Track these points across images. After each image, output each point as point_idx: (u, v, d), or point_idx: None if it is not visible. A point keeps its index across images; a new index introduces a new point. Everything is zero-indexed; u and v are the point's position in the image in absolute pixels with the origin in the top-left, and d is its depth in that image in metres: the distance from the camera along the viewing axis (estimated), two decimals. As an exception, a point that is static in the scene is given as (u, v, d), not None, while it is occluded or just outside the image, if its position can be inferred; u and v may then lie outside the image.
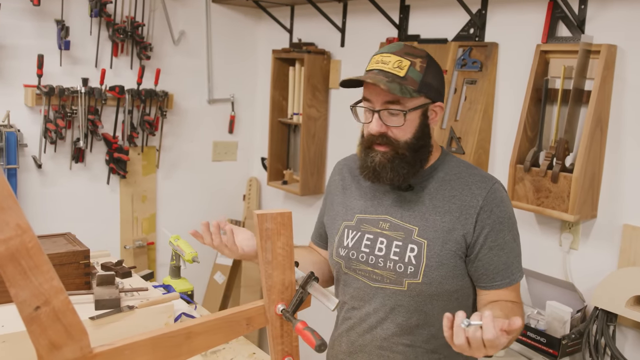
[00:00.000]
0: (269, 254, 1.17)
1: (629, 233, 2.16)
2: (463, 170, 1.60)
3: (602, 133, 2.20)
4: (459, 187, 1.56)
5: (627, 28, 2.16)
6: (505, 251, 1.54)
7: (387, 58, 1.50)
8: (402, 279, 1.54)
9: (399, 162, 1.52)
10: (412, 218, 1.57)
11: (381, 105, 1.50)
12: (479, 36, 2.65)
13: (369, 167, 1.54)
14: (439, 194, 1.56)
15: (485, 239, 1.52)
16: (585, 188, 2.18)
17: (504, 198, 1.56)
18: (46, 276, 0.89)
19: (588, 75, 2.23)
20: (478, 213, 1.52)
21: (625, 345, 2.20)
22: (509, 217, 1.55)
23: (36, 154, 3.23)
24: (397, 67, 1.48)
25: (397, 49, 1.51)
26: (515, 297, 1.57)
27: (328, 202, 1.80)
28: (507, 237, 1.54)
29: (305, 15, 3.58)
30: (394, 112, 1.49)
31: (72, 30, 3.21)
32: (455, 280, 1.54)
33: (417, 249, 1.53)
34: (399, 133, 1.51)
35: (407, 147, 1.52)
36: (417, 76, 1.49)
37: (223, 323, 1.15)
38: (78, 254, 1.91)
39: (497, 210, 1.53)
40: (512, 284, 1.55)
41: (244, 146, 4.06)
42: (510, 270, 1.55)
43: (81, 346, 0.96)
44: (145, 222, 3.70)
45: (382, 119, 1.51)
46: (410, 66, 1.48)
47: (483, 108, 2.56)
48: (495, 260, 1.53)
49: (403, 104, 1.49)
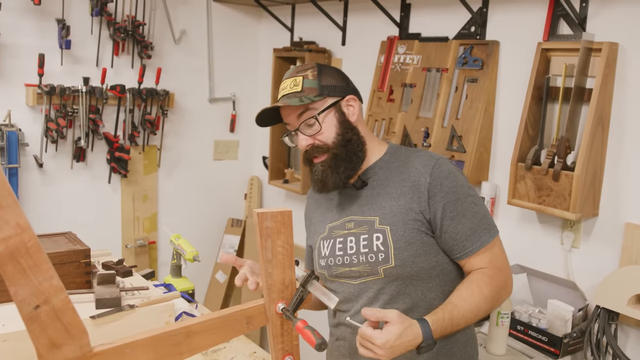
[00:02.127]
0: (269, 253, 1.17)
1: (631, 231, 2.15)
2: (407, 155, 1.67)
3: (603, 131, 2.20)
4: (407, 170, 1.62)
5: (628, 26, 2.15)
6: (468, 217, 1.58)
7: (283, 84, 1.65)
8: (377, 267, 1.59)
9: (335, 163, 1.61)
10: (371, 210, 1.64)
11: (297, 122, 1.62)
12: (480, 34, 2.64)
13: (315, 180, 1.65)
14: (390, 181, 1.64)
15: (444, 212, 1.56)
16: (586, 186, 2.17)
17: (451, 170, 1.61)
18: (46, 275, 0.89)
19: (589, 73, 2.23)
20: (428, 189, 1.57)
21: (627, 344, 2.19)
22: (460, 185, 1.60)
23: (37, 153, 3.23)
24: (293, 85, 1.62)
25: (289, 74, 1.66)
26: (488, 261, 1.59)
27: (308, 226, 1.87)
28: (465, 204, 1.58)
29: (306, 14, 3.57)
30: (309, 122, 1.61)
31: (73, 30, 3.21)
32: (429, 257, 1.58)
33: (382, 236, 1.59)
34: (323, 137, 1.62)
35: (336, 145, 1.62)
36: (312, 84, 1.62)
37: (223, 322, 1.15)
38: (79, 253, 1.91)
39: (446, 182, 1.58)
40: (482, 246, 1.58)
41: (245, 145, 4.06)
42: (478, 233, 1.58)
43: (81, 345, 0.96)
44: (147, 221, 3.70)
45: (304, 133, 1.62)
46: (303, 79, 1.62)
47: (484, 106, 2.56)
48: (460, 228, 1.57)
49: (311, 110, 1.61)
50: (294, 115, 1.62)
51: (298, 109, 1.61)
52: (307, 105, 1.60)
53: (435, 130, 2.69)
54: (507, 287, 1.62)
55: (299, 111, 1.61)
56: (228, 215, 4.07)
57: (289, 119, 1.64)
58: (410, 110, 2.84)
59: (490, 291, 1.56)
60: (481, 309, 1.55)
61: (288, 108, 1.62)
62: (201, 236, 3.89)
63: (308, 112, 1.61)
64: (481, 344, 2.25)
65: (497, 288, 1.58)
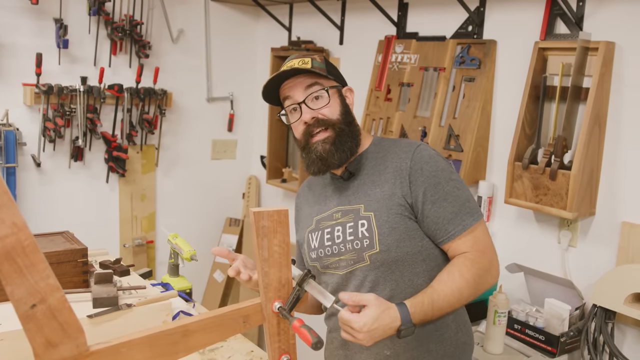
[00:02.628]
0: (265, 252, 1.17)
1: (628, 230, 2.16)
2: (391, 144, 1.69)
3: (600, 130, 2.20)
4: (390, 157, 1.65)
5: (625, 25, 2.15)
6: (449, 201, 1.58)
7: (290, 63, 1.65)
8: (363, 253, 1.60)
9: (339, 139, 1.61)
10: (356, 199, 1.65)
11: (303, 94, 1.62)
12: (477, 33, 2.64)
13: (314, 159, 1.63)
14: (374, 170, 1.65)
15: (425, 196, 1.57)
16: (583, 185, 2.17)
17: (432, 155, 1.62)
18: (42, 274, 0.89)
19: (586, 72, 2.23)
20: (409, 174, 1.58)
21: (623, 342, 2.20)
22: (442, 170, 1.60)
23: (35, 152, 3.23)
24: (302, 63, 1.63)
25: (295, 56, 1.68)
26: (470, 245, 1.58)
27: (297, 222, 1.87)
28: (446, 187, 1.58)
29: (304, 13, 3.58)
30: (318, 94, 1.62)
31: (70, 29, 3.21)
32: (413, 242, 1.59)
33: (366, 222, 1.60)
34: (329, 112, 1.62)
35: (341, 122, 1.63)
36: (320, 65, 1.65)
37: (220, 321, 1.15)
38: (76, 252, 1.91)
39: (426, 166, 1.59)
40: (465, 229, 1.57)
41: (243, 144, 4.06)
42: (460, 217, 1.57)
43: (77, 344, 0.96)
44: (145, 221, 3.70)
45: (309, 106, 1.62)
46: (312, 60, 1.64)
47: (481, 105, 2.56)
48: (442, 212, 1.57)
49: (322, 84, 1.63)
50: (301, 87, 1.63)
51: (306, 81, 1.62)
52: (317, 80, 1.62)
53: (433, 130, 2.70)
54: (491, 271, 1.59)
55: (307, 83, 1.62)
56: (226, 215, 4.07)
57: (294, 92, 1.64)
58: (407, 110, 2.84)
59: (472, 275, 1.54)
60: (463, 292, 1.53)
61: (295, 81, 1.63)
62: (199, 235, 3.89)
63: (317, 85, 1.63)
64: (478, 343, 2.25)
65: (480, 271, 1.56)
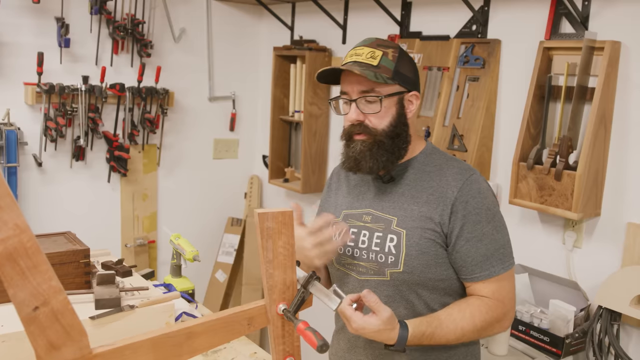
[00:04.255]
0: (269, 253, 1.16)
1: (633, 231, 2.14)
2: (443, 162, 1.62)
3: (605, 130, 2.19)
4: (437, 177, 1.58)
5: (631, 24, 2.14)
6: (484, 243, 1.52)
7: (360, 50, 1.55)
8: (384, 269, 1.56)
9: (377, 149, 1.54)
10: (391, 209, 1.59)
11: (357, 94, 1.54)
12: (481, 33, 2.63)
13: (350, 157, 1.57)
14: (417, 184, 1.59)
15: (462, 230, 1.52)
16: (588, 186, 2.16)
17: (481, 189, 1.55)
18: (45, 276, 0.88)
19: (592, 72, 2.21)
20: (453, 204, 1.52)
21: (629, 344, 2.18)
22: (487, 208, 1.54)
23: (36, 152, 3.22)
24: (370, 57, 1.53)
25: (369, 42, 1.57)
26: (492, 291, 1.53)
27: (322, 206, 1.82)
28: (485, 228, 1.53)
29: (307, 12, 3.56)
30: (371, 100, 1.53)
31: (72, 28, 3.19)
32: (439, 269, 1.54)
33: (396, 238, 1.55)
34: (376, 121, 1.54)
35: (384, 134, 1.55)
36: (390, 64, 1.53)
37: (224, 323, 1.14)
38: (78, 253, 1.90)
39: (472, 201, 1.53)
40: (490, 277, 1.52)
41: (245, 144, 4.05)
42: (490, 262, 1.52)
43: (80, 347, 0.95)
44: (146, 221, 3.69)
45: (360, 108, 1.54)
46: (383, 56, 1.53)
47: (485, 105, 2.55)
48: (473, 252, 1.52)
49: (378, 91, 1.53)
50: (358, 85, 1.53)
51: (364, 83, 1.52)
52: (375, 84, 1.52)
53: (437, 129, 2.68)
54: (503, 322, 1.55)
55: (366, 86, 1.53)
56: (228, 215, 4.06)
57: (350, 87, 1.55)
58: (411, 109, 2.83)
59: (483, 321, 1.50)
60: (465, 335, 1.50)
61: (354, 76, 1.53)
62: (201, 235, 3.88)
63: (374, 89, 1.53)
64: (483, 344, 2.24)
65: (491, 320, 1.52)
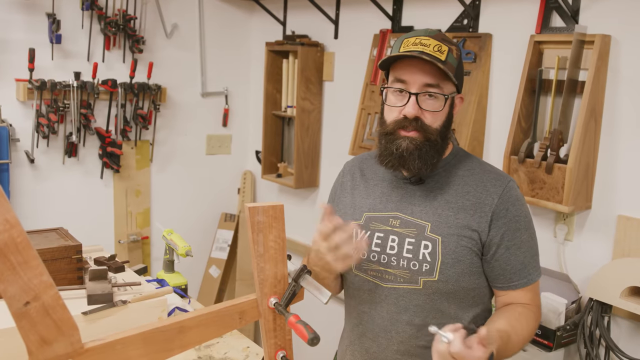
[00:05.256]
0: (260, 247, 1.16)
1: (624, 224, 2.16)
2: (477, 166, 1.56)
3: (596, 124, 2.20)
4: (473, 183, 1.52)
5: (620, 18, 2.15)
6: (523, 250, 1.51)
7: (426, 41, 1.44)
8: (417, 277, 1.50)
9: (427, 149, 1.45)
10: (423, 214, 1.52)
11: (420, 88, 1.44)
12: (472, 27, 2.63)
13: (393, 153, 1.46)
14: (451, 189, 1.52)
15: (502, 239, 1.49)
16: (579, 179, 2.17)
17: (519, 197, 1.53)
18: (35, 271, 0.88)
19: (582, 65, 2.22)
20: (493, 212, 1.48)
21: (620, 336, 2.20)
22: (524, 216, 1.53)
23: (28, 148, 3.21)
24: (437, 50, 1.42)
25: (434, 34, 1.46)
26: (530, 298, 1.54)
27: (335, 205, 1.70)
28: (523, 236, 1.51)
29: (299, 7, 3.56)
30: (434, 95, 1.44)
31: (63, 24, 3.18)
32: (472, 278, 1.51)
33: (431, 245, 1.49)
34: (432, 119, 1.45)
35: (438, 133, 1.46)
36: (454, 62, 1.46)
37: (215, 317, 1.14)
38: (70, 248, 1.90)
39: (512, 209, 1.50)
40: (529, 284, 1.52)
41: (238, 139, 4.05)
42: (527, 270, 1.52)
43: (72, 341, 0.95)
44: (140, 217, 3.69)
45: (419, 103, 1.45)
46: (449, 52, 1.44)
47: (477, 99, 2.55)
48: (513, 260, 1.50)
49: (442, 88, 1.45)
50: (421, 78, 1.43)
51: (429, 75, 1.42)
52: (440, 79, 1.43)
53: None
54: (535, 331, 1.56)
55: (428, 80, 1.43)
56: (221, 210, 4.06)
57: (411, 78, 1.44)
58: (403, 104, 2.83)
59: (533, 329, 1.51)
60: (524, 344, 1.50)
61: (418, 66, 1.43)
62: (194, 231, 3.88)
63: (439, 88, 1.44)
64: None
65: (536, 326, 1.52)
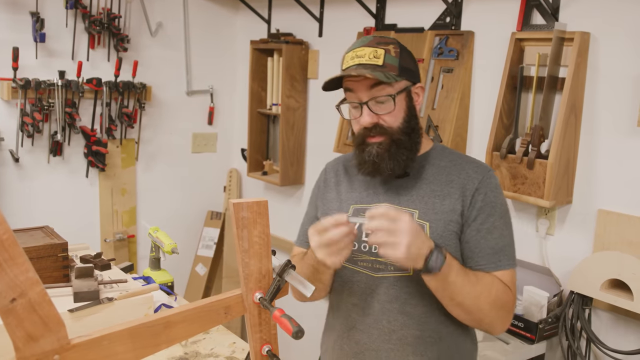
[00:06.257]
0: (245, 243, 1.17)
1: (604, 218, 2.19)
2: (459, 158, 1.60)
3: (576, 119, 2.23)
4: (456, 172, 1.56)
5: (599, 16, 2.18)
6: (494, 236, 1.51)
7: (361, 52, 1.50)
8: None
9: (395, 149, 1.50)
10: (410, 202, 1.54)
11: (368, 96, 1.49)
12: (455, 25, 2.66)
13: (367, 161, 1.52)
14: (436, 179, 1.55)
15: (475, 220, 1.50)
16: (560, 174, 2.21)
17: (497, 186, 1.56)
18: (21, 268, 0.89)
19: (562, 62, 2.26)
20: (473, 195, 1.51)
21: (600, 327, 2.24)
22: (501, 204, 1.54)
23: (13, 147, 3.20)
24: (373, 57, 1.48)
25: (368, 42, 1.52)
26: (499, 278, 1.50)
27: (319, 202, 1.72)
28: (496, 222, 1.52)
29: (283, 6, 3.57)
30: (382, 100, 1.49)
31: (47, 23, 3.17)
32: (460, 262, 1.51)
33: None
34: (391, 120, 1.50)
35: (400, 131, 1.51)
36: (394, 61, 1.49)
37: (201, 312, 1.15)
38: (56, 246, 1.90)
39: (491, 194, 1.52)
40: (497, 270, 1.50)
41: (223, 137, 4.06)
42: (498, 256, 1.50)
43: (58, 337, 0.96)
44: (126, 215, 3.68)
45: (372, 109, 1.50)
46: (386, 53, 1.49)
47: (460, 96, 2.58)
48: (483, 243, 1.50)
49: (389, 90, 1.49)
50: (366, 86, 1.48)
51: (372, 82, 1.47)
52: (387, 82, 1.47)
53: (412, 121, 2.71)
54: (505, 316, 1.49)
55: (373, 83, 1.47)
56: (207, 208, 4.06)
57: (358, 88, 1.50)
58: (387, 101, 2.85)
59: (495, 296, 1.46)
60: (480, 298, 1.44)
61: (360, 78, 1.48)
62: (181, 229, 3.89)
63: (384, 88, 1.48)
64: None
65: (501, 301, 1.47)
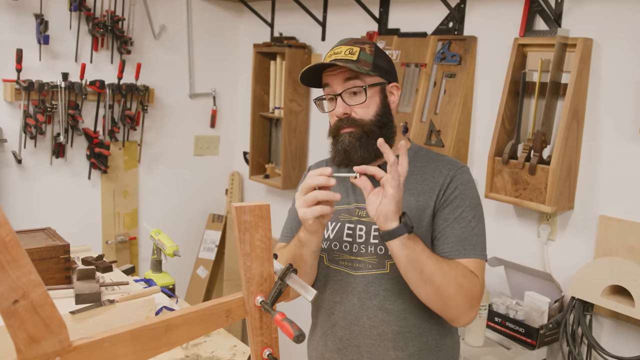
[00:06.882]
0: (247, 246, 1.17)
1: (605, 224, 2.19)
2: (433, 157, 1.65)
3: (578, 125, 2.23)
4: (430, 171, 1.60)
5: (602, 22, 2.18)
6: (462, 225, 1.52)
7: (338, 49, 1.58)
8: (384, 260, 1.56)
9: (366, 139, 1.55)
10: None
11: (341, 88, 1.57)
12: (458, 30, 2.67)
13: (339, 150, 1.58)
14: (411, 178, 1.59)
15: (443, 210, 1.54)
16: (562, 180, 2.21)
17: (470, 180, 1.60)
18: (24, 270, 0.89)
19: (565, 68, 2.26)
20: (445, 189, 1.56)
21: (601, 334, 2.24)
22: (471, 197, 1.57)
23: (16, 149, 3.21)
24: (349, 53, 1.56)
25: (346, 42, 1.61)
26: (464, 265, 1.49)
27: None
28: (465, 213, 1.54)
29: (286, 9, 3.58)
30: (355, 91, 1.56)
31: (51, 25, 3.19)
32: None
33: None
34: (362, 112, 1.57)
35: (372, 123, 1.57)
36: (368, 58, 1.57)
37: (202, 315, 1.15)
38: (58, 248, 1.91)
39: (461, 187, 1.56)
40: (461, 257, 1.49)
41: (225, 140, 4.06)
42: (463, 244, 1.51)
43: (60, 339, 0.96)
44: (127, 217, 3.69)
45: (345, 100, 1.57)
46: (361, 51, 1.57)
47: (462, 101, 2.58)
48: (449, 232, 1.52)
49: (362, 81, 1.56)
50: (341, 79, 1.56)
51: (347, 74, 1.55)
52: (359, 74, 1.55)
53: (414, 125, 2.72)
54: (471, 304, 1.48)
55: (347, 76, 1.56)
56: (209, 211, 4.07)
57: (333, 82, 1.58)
58: (389, 105, 2.86)
59: (461, 278, 1.44)
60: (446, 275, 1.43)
61: (336, 70, 1.57)
62: (182, 232, 3.89)
63: (357, 80, 1.56)
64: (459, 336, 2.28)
65: (467, 286, 1.45)
